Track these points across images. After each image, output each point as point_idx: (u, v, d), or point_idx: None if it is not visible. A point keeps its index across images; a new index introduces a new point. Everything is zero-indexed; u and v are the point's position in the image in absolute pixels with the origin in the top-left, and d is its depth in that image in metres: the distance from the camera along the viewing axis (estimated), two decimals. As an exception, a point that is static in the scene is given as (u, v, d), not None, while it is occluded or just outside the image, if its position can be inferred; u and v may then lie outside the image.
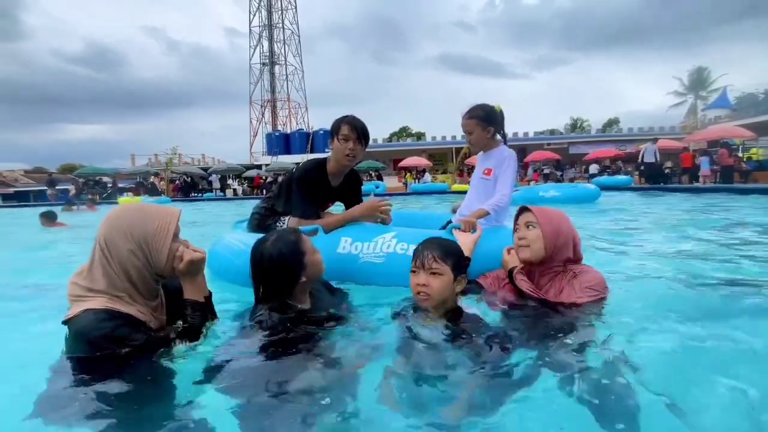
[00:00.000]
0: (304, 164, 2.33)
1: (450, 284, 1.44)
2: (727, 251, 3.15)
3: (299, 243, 1.50)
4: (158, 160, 31.96)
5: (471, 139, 2.30)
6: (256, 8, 44.28)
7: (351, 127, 2.20)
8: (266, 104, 45.05)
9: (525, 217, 1.71)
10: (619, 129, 34.74)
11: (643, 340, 1.43)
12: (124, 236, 1.22)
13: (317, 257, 1.55)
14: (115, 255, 1.22)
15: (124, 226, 1.23)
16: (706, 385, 1.16)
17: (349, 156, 2.22)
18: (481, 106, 2.28)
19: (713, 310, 1.85)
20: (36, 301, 2.29)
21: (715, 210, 6.58)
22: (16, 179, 35.42)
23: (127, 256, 1.22)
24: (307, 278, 1.49)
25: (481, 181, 2.30)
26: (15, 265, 3.75)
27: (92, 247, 1.26)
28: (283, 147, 31.80)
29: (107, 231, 1.24)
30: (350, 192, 2.49)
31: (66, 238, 5.49)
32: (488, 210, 2.12)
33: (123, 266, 1.22)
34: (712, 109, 25.31)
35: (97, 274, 1.21)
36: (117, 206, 1.41)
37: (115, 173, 26.87)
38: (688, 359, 1.33)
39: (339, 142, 2.21)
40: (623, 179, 15.97)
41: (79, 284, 1.21)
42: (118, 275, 1.22)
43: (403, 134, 52.33)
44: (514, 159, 2.24)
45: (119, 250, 1.22)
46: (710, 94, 35.15)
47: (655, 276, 2.37)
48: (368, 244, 2.10)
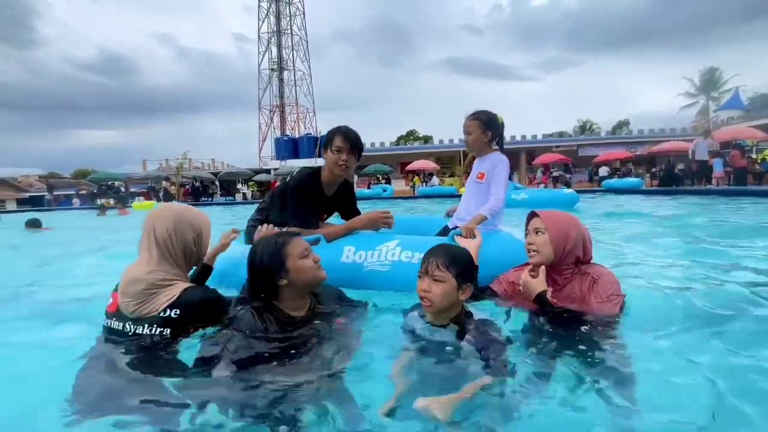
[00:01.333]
0: (298, 174, 2.32)
1: (452, 292, 1.44)
2: (740, 258, 3.10)
3: (284, 245, 1.47)
4: (169, 165, 32.38)
5: (469, 140, 2.34)
6: (264, 15, 44.84)
7: (344, 138, 2.21)
8: (275, 109, 45.48)
9: (533, 223, 1.73)
10: (629, 131, 34.33)
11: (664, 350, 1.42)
12: (190, 227, 1.52)
13: (306, 264, 1.48)
14: (181, 242, 1.50)
15: (186, 219, 1.51)
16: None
17: (342, 167, 2.24)
18: (485, 111, 2.34)
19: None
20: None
21: (735, 213, 6.46)
22: (31, 184, 36.18)
23: (189, 244, 1.52)
24: (290, 282, 1.46)
25: (475, 185, 2.35)
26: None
27: (146, 244, 1.47)
28: (291, 151, 32.00)
29: (174, 224, 1.49)
30: (345, 202, 2.51)
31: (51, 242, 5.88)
32: (486, 215, 2.14)
33: (184, 252, 1.51)
34: (724, 110, 24.91)
35: (165, 264, 1.47)
36: (162, 205, 1.61)
37: (127, 178, 27.32)
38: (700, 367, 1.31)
39: (332, 153, 2.22)
40: (634, 182, 15.78)
41: (157, 273, 1.44)
42: (177, 261, 1.50)
43: (411, 137, 52.43)
44: (505, 164, 2.28)
45: (186, 239, 1.50)
46: (722, 95, 34.58)
47: (668, 285, 2.33)
48: (372, 252, 2.11)
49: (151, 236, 1.47)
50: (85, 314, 1.91)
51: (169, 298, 1.40)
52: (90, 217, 11.26)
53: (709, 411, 1.09)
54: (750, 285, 2.19)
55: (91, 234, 7.41)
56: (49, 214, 15.56)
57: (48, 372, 1.45)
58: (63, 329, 1.92)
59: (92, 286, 2.57)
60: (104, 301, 1.52)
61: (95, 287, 2.45)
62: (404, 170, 28.03)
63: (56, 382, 1.29)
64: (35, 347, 1.71)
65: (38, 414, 1.18)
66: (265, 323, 1.43)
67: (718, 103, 32.46)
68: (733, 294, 2.10)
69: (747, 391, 1.17)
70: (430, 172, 24.90)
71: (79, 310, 2.16)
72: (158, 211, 1.53)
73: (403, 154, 32.25)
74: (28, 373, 1.47)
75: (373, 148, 31.50)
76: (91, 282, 2.83)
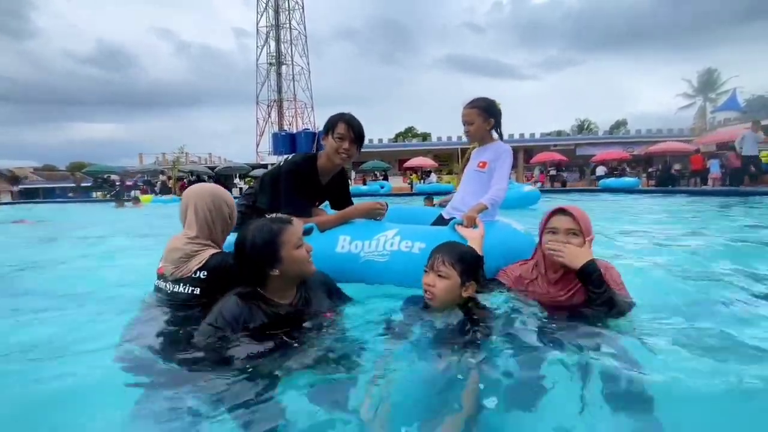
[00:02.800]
0: (294, 157, 2.19)
1: (455, 288, 1.46)
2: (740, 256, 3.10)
3: (279, 233, 1.40)
4: (166, 159, 32.18)
5: (471, 130, 2.27)
6: (263, 9, 44.51)
7: (348, 126, 2.10)
8: (273, 104, 45.22)
9: (565, 223, 1.59)
10: (627, 131, 34.39)
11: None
12: (225, 203, 1.76)
13: (299, 254, 1.43)
14: (219, 216, 1.73)
15: (221, 198, 1.75)
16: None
17: (343, 156, 2.14)
18: (483, 98, 2.28)
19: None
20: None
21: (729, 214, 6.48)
22: (26, 176, 35.87)
23: (225, 217, 1.76)
24: (281, 272, 1.40)
25: (475, 174, 2.28)
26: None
27: (188, 219, 1.71)
28: (289, 146, 31.62)
29: (213, 200, 1.72)
30: (338, 190, 2.40)
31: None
32: (487, 204, 2.08)
33: (222, 224, 1.75)
34: (721, 111, 24.99)
35: (202, 235, 1.70)
36: (196, 186, 1.80)
37: (123, 172, 27.10)
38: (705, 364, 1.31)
39: (334, 140, 2.11)
40: (631, 181, 15.84)
41: (192, 243, 1.67)
42: (215, 231, 1.73)
43: (409, 135, 52.29)
44: (510, 153, 2.23)
45: (222, 212, 1.74)
46: (719, 96, 34.71)
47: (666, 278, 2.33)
48: (369, 242, 2.02)
49: (191, 212, 1.70)
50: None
51: (199, 262, 1.63)
52: (109, 210, 11.76)
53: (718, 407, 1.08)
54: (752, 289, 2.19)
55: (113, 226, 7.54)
56: (69, 206, 16.42)
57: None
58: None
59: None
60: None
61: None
62: (402, 167, 27.94)
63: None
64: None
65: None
66: (251, 311, 1.38)
67: (715, 104, 32.58)
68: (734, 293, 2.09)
69: (748, 390, 1.15)
70: (428, 169, 24.86)
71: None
72: (196, 190, 1.76)
73: (402, 151, 32.15)
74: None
75: (371, 144, 31.37)
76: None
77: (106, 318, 1.84)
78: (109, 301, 2.10)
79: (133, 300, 1.84)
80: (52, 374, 1.32)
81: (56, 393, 1.22)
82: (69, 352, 1.52)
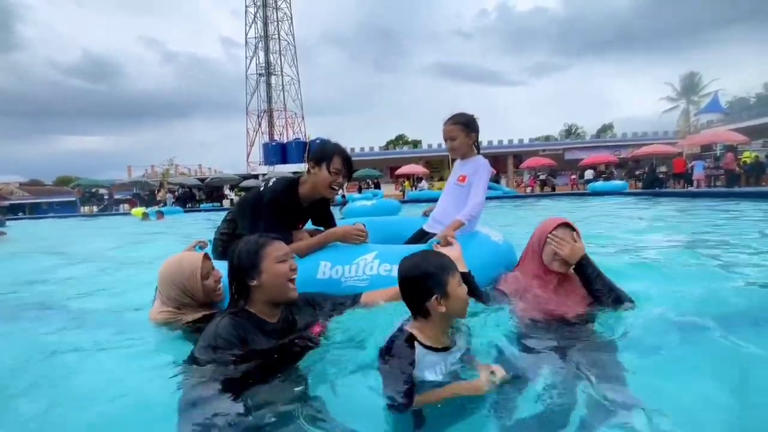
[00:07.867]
0: (274, 186, 2.14)
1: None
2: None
3: (263, 246, 1.48)
4: (155, 171, 31.95)
5: (454, 145, 2.31)
6: (252, 20, 44.69)
7: (344, 161, 2.12)
8: (263, 114, 45.22)
9: (567, 234, 1.84)
10: (614, 134, 34.89)
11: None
12: (173, 286, 1.81)
13: (281, 268, 1.47)
14: (172, 299, 1.83)
15: (169, 279, 1.81)
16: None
17: (334, 189, 2.16)
18: (462, 113, 2.33)
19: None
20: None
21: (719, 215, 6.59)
22: (11, 192, 35.27)
23: (174, 297, 1.82)
24: (261, 284, 1.44)
25: (455, 188, 2.34)
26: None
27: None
28: (280, 156, 31.84)
29: (159, 280, 1.85)
30: (320, 211, 2.40)
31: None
32: (463, 221, 2.10)
33: (175, 303, 1.83)
34: (704, 114, 25.57)
35: (170, 306, 1.85)
36: (166, 261, 1.90)
37: (112, 185, 26.83)
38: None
39: (330, 173, 2.10)
40: (619, 184, 16.09)
41: (165, 315, 1.82)
42: (180, 305, 1.84)
43: (400, 142, 52.54)
44: (487, 168, 2.27)
45: (170, 293, 1.82)
46: (702, 99, 35.53)
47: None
48: (349, 267, 2.01)
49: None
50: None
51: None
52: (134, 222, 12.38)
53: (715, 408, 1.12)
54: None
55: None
56: (98, 219, 17.60)
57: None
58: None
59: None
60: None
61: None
62: (394, 175, 28.05)
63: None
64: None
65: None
66: (244, 331, 1.40)
67: (698, 107, 33.32)
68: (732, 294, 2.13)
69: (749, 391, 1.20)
70: (420, 176, 25.00)
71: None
72: (162, 267, 1.87)
73: (393, 158, 32.29)
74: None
75: (362, 152, 31.49)
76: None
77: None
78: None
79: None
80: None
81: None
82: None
